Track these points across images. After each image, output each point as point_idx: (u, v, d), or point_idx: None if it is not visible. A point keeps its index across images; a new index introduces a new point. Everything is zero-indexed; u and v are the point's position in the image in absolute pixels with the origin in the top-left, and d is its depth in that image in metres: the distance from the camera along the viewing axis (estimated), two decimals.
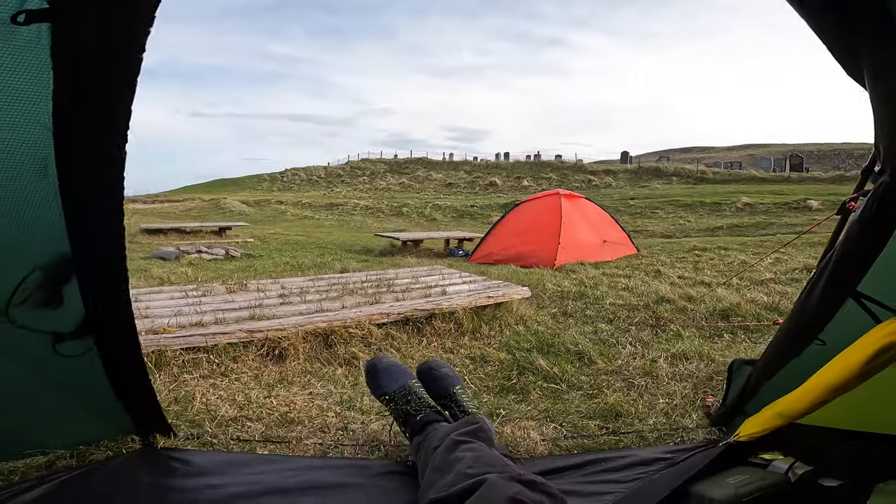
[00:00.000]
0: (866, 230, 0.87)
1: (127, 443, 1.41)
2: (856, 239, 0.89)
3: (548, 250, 5.82)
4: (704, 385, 2.03)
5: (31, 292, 0.89)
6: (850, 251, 0.91)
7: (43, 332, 0.98)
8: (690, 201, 17.26)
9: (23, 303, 0.89)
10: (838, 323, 1.05)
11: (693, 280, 4.59)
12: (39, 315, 0.94)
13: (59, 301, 0.93)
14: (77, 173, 0.80)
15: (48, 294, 0.91)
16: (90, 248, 0.90)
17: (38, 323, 0.96)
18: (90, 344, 1.05)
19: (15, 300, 0.88)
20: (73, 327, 1.01)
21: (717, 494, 1.13)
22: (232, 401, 1.77)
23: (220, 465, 1.31)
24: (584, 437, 1.61)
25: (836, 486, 1.20)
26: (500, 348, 2.54)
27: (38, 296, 0.90)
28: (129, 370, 1.17)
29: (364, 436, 1.57)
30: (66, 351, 1.03)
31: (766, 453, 1.33)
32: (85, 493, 1.21)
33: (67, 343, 1.01)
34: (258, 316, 2.37)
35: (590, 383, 2.08)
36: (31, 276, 0.88)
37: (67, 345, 1.02)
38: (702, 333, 2.79)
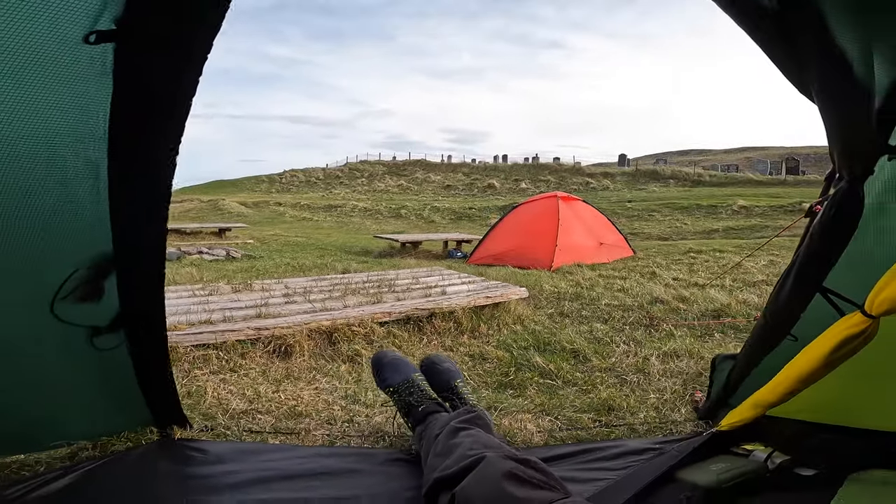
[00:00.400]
0: (827, 232, 0.95)
1: (146, 434, 1.48)
2: (818, 240, 0.98)
3: (545, 252, 5.91)
4: (694, 381, 2.12)
5: (74, 288, 0.97)
6: (814, 251, 0.99)
7: (82, 327, 1.06)
8: (687, 204, 17.40)
9: (66, 297, 0.97)
10: (809, 319, 1.13)
11: (687, 282, 4.68)
12: (80, 310, 1.02)
13: (100, 296, 1.01)
14: (127, 180, 0.88)
15: (90, 289, 0.98)
16: (132, 248, 0.98)
17: (78, 317, 1.04)
18: (122, 338, 1.13)
19: (60, 295, 0.96)
20: (108, 321, 1.09)
21: (700, 479, 1.22)
22: (242, 395, 1.85)
23: (235, 453, 1.39)
24: (578, 429, 1.70)
25: (811, 475, 1.29)
26: (498, 346, 2.62)
27: (80, 291, 0.98)
28: (156, 363, 1.25)
29: (369, 428, 1.66)
30: (101, 344, 1.10)
31: (747, 444, 1.42)
32: (109, 481, 1.28)
33: (103, 337, 1.09)
34: (264, 314, 2.45)
35: (584, 379, 2.16)
36: (77, 273, 0.96)
37: (103, 338, 1.10)
38: (693, 333, 2.88)
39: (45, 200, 0.87)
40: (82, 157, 0.84)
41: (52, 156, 0.82)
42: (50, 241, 0.92)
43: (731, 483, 1.21)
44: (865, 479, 1.23)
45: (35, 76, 0.74)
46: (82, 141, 0.83)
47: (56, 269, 0.96)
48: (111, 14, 0.72)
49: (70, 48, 0.72)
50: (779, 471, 1.31)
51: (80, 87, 0.78)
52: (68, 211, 0.90)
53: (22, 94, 0.75)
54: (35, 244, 0.91)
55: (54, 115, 0.78)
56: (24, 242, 0.90)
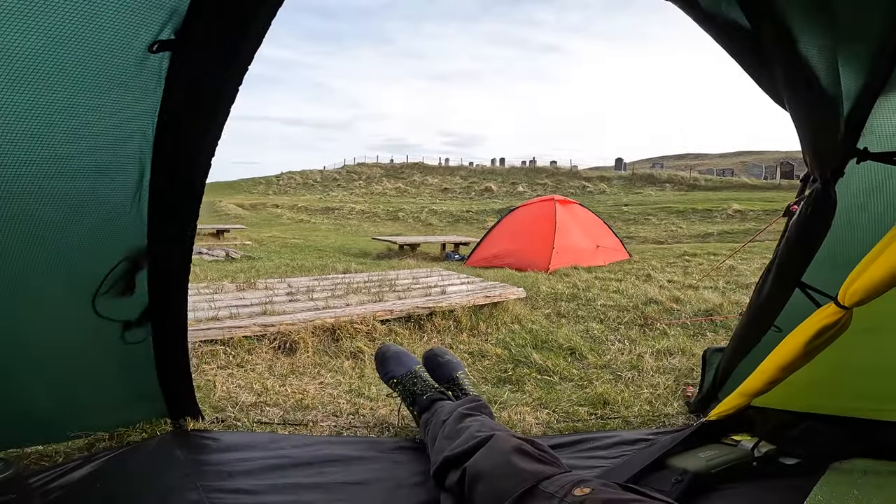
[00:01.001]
0: (803, 230, 1.03)
1: (160, 425, 1.54)
2: (795, 238, 1.05)
3: (542, 254, 5.99)
4: (686, 377, 2.19)
5: (114, 283, 1.03)
6: (792, 248, 1.07)
7: (116, 321, 1.13)
8: (683, 208, 17.55)
9: (106, 293, 1.04)
10: (791, 312, 1.21)
11: (681, 284, 4.77)
12: (115, 304, 1.09)
13: (133, 291, 1.08)
14: (170, 177, 0.96)
15: (126, 284, 1.05)
16: (167, 243, 1.04)
17: (113, 312, 1.10)
18: (148, 331, 1.20)
19: (101, 290, 1.03)
20: (138, 315, 1.15)
21: (690, 465, 1.29)
22: (250, 388, 1.91)
23: (248, 442, 1.45)
24: (574, 421, 1.77)
25: (793, 463, 1.37)
26: (496, 344, 2.69)
27: (119, 287, 1.04)
28: (177, 356, 1.31)
29: (374, 419, 1.72)
30: (131, 338, 1.17)
31: (735, 435, 1.50)
32: (127, 470, 1.32)
33: (133, 331, 1.16)
34: (269, 311, 2.51)
35: (580, 376, 2.24)
36: (118, 267, 1.03)
37: (133, 332, 1.16)
38: (686, 332, 2.96)
39: (95, 195, 0.94)
40: (132, 155, 0.92)
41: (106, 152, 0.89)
42: (96, 237, 0.99)
43: (719, 469, 1.28)
44: (847, 468, 1.31)
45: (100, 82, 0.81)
46: (134, 140, 0.90)
47: (97, 264, 1.03)
48: (173, 25, 0.79)
49: (135, 56, 0.80)
50: (764, 459, 1.38)
51: (138, 92, 0.85)
52: (114, 206, 0.97)
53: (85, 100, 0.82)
54: (80, 240, 0.98)
55: (113, 118, 0.86)
56: (69, 238, 0.97)
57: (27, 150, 0.84)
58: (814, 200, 0.97)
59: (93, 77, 0.79)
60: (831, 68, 0.74)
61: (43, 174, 0.88)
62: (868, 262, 0.89)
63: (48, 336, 1.13)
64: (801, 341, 1.03)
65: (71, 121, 0.83)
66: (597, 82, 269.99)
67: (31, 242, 0.94)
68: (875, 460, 1.31)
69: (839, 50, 0.72)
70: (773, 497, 1.22)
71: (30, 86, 0.77)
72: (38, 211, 0.90)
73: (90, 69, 0.78)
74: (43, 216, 0.92)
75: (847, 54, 0.74)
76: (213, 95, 0.89)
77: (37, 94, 0.79)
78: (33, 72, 0.76)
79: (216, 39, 0.83)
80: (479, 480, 1.01)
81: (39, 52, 0.74)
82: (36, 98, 0.79)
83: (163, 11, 0.78)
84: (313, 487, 1.20)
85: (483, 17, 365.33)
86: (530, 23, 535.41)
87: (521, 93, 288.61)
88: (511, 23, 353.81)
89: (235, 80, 0.88)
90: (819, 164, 0.92)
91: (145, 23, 0.78)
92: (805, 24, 0.69)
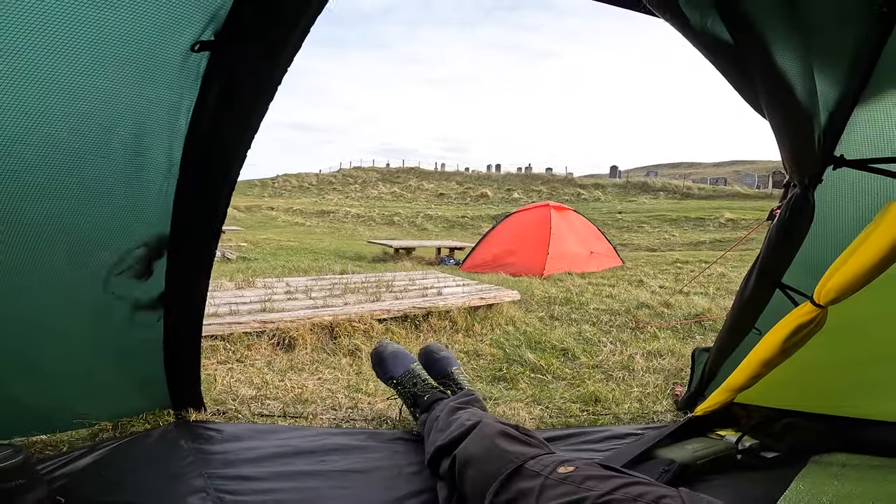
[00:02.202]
0: (783, 233, 1.09)
1: (162, 416, 1.58)
2: (775, 240, 1.12)
3: (537, 260, 6.05)
4: (675, 377, 2.26)
5: (132, 264, 1.08)
6: (773, 251, 1.13)
7: (128, 300, 1.16)
8: (676, 216, 17.72)
9: (122, 273, 1.08)
10: (771, 314, 1.27)
11: (672, 289, 4.85)
12: (131, 285, 1.13)
13: (150, 275, 1.12)
14: (197, 173, 1.01)
15: (144, 267, 1.09)
16: (187, 232, 1.09)
17: (127, 291, 1.14)
18: (160, 316, 1.24)
19: (116, 270, 1.07)
20: (151, 300, 1.19)
21: (677, 456, 1.34)
22: (250, 383, 1.95)
23: (250, 433, 1.49)
24: (567, 417, 1.82)
25: (773, 457, 1.43)
26: (491, 344, 2.74)
27: (137, 268, 1.08)
28: (188, 343, 1.35)
29: (372, 413, 1.77)
30: (140, 320, 1.21)
31: (721, 430, 1.56)
32: (131, 459, 1.35)
33: (143, 312, 1.20)
34: (268, 309, 2.55)
35: (573, 374, 2.29)
36: (138, 251, 1.07)
37: (143, 314, 1.20)
38: (676, 335, 3.03)
39: (124, 180, 0.99)
40: (163, 146, 0.98)
41: (139, 141, 0.95)
42: (119, 221, 1.03)
43: (704, 460, 1.34)
44: (826, 461, 1.37)
45: (142, 76, 0.87)
46: (166, 132, 0.96)
47: (116, 248, 1.07)
48: (214, 27, 0.85)
49: (178, 54, 0.85)
50: (748, 452, 1.44)
51: (176, 88, 0.90)
52: (140, 193, 1.02)
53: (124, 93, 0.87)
54: (104, 223, 1.03)
55: (150, 110, 0.91)
56: (92, 222, 1.01)
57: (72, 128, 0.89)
58: (792, 205, 1.03)
59: (136, 70, 0.85)
60: (807, 79, 0.80)
61: (78, 155, 0.93)
62: (841, 261, 0.96)
63: (56, 322, 1.16)
64: (779, 338, 1.09)
65: (110, 108, 0.88)
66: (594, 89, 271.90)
67: (53, 226, 0.99)
68: (854, 455, 1.37)
69: (815, 61, 0.79)
70: (755, 487, 1.28)
71: (80, 70, 0.82)
72: (65, 192, 0.95)
73: (135, 63, 0.84)
74: (69, 197, 0.96)
75: (823, 65, 0.80)
76: (249, 97, 0.95)
77: (87, 77, 0.84)
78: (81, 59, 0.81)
79: (253, 43, 0.88)
80: (468, 465, 1.06)
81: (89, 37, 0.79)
82: (85, 81, 0.84)
83: (206, 13, 0.83)
84: (315, 475, 1.24)
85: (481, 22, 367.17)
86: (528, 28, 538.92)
87: (518, 99, 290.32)
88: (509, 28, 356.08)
89: (272, 82, 0.94)
90: (798, 170, 0.98)
91: (189, 23, 0.83)
92: (781, 37, 0.75)
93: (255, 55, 0.90)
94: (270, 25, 0.86)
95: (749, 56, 0.76)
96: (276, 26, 0.87)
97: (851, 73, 0.87)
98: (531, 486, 0.92)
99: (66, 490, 1.15)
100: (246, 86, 0.93)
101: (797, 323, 1.05)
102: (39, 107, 0.83)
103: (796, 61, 0.77)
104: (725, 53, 0.78)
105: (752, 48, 0.74)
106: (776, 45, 0.74)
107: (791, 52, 0.76)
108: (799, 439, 1.41)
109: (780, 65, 0.76)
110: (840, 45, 0.83)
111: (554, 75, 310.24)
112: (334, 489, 1.19)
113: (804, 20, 0.76)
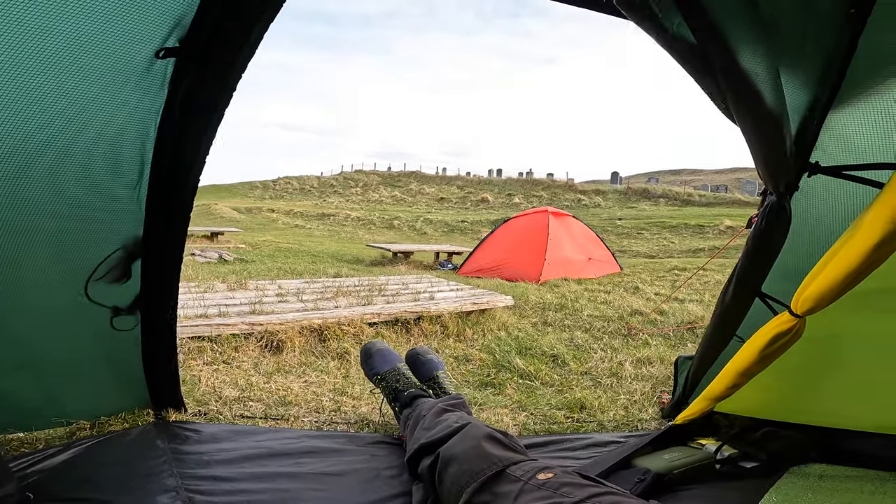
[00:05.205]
0: (759, 242, 1.09)
1: (142, 416, 1.57)
2: (752, 250, 1.11)
3: (534, 265, 6.05)
4: (663, 384, 2.25)
5: (110, 268, 1.08)
6: (750, 260, 1.13)
7: (106, 307, 1.17)
8: (675, 223, 17.71)
9: (101, 279, 1.08)
10: (753, 322, 1.26)
11: (668, 296, 4.84)
12: (108, 290, 1.14)
13: (129, 278, 1.13)
14: (168, 173, 1.02)
15: (123, 271, 1.10)
16: (162, 232, 1.10)
17: (105, 298, 1.15)
18: (138, 319, 1.24)
19: (95, 276, 1.07)
20: (128, 303, 1.19)
21: (653, 465, 1.33)
22: (234, 384, 1.94)
23: (228, 434, 1.48)
24: (551, 423, 1.81)
25: (753, 466, 1.42)
26: (482, 350, 2.73)
27: (115, 272, 1.09)
28: (164, 345, 1.35)
29: (355, 416, 1.76)
30: (119, 325, 1.21)
31: (702, 439, 1.55)
32: (105, 457, 1.35)
33: (122, 317, 1.20)
34: (258, 311, 2.55)
35: (561, 381, 2.28)
36: (115, 254, 1.08)
37: (122, 319, 1.20)
38: (667, 342, 3.02)
39: (102, 187, 1.00)
40: (135, 149, 1.00)
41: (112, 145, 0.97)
42: (96, 224, 1.05)
43: (680, 469, 1.33)
44: (804, 473, 1.36)
45: (112, 85, 0.88)
46: (137, 136, 0.98)
47: (95, 251, 1.08)
48: (178, 34, 0.86)
49: (144, 60, 0.87)
50: (727, 462, 1.43)
51: (144, 93, 0.92)
52: (115, 196, 1.03)
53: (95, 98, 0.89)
54: (80, 226, 1.04)
55: (120, 114, 0.93)
56: (69, 224, 1.02)
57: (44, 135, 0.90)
58: (768, 213, 1.03)
59: (105, 75, 0.87)
60: (775, 81, 0.80)
61: (54, 159, 0.94)
62: (817, 271, 0.95)
63: (35, 322, 1.17)
64: (756, 348, 1.08)
65: (83, 112, 0.90)
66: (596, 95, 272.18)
67: (30, 227, 1.00)
68: (832, 465, 1.36)
69: (783, 64, 0.78)
70: (731, 497, 1.27)
71: (51, 75, 0.83)
72: (43, 195, 0.96)
73: (103, 68, 0.85)
74: (46, 199, 0.97)
75: (793, 68, 0.80)
76: (209, 100, 0.96)
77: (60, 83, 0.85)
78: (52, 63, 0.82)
79: (216, 49, 0.89)
80: (450, 463, 1.07)
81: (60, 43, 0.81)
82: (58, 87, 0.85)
83: (169, 21, 0.85)
84: (289, 476, 1.24)
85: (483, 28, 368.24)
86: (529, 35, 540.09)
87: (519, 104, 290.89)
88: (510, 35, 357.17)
89: (230, 86, 0.96)
90: (772, 178, 0.98)
91: (153, 30, 0.85)
92: (744, 36, 0.75)
93: (217, 61, 0.91)
94: (231, 31, 0.88)
95: (712, 56, 0.75)
96: (235, 32, 0.88)
97: (823, 76, 0.87)
98: (510, 489, 0.95)
99: (36, 486, 1.15)
100: (208, 91, 0.95)
101: (775, 332, 1.05)
102: (12, 114, 0.84)
103: (762, 63, 0.76)
104: (695, 58, 0.78)
105: (714, 48, 0.74)
106: (739, 44, 0.74)
107: (756, 52, 0.76)
108: (778, 449, 1.40)
109: (745, 66, 0.76)
110: (810, 46, 0.82)
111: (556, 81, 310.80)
112: (308, 491, 1.19)
113: (769, 19, 0.76)
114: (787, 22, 0.79)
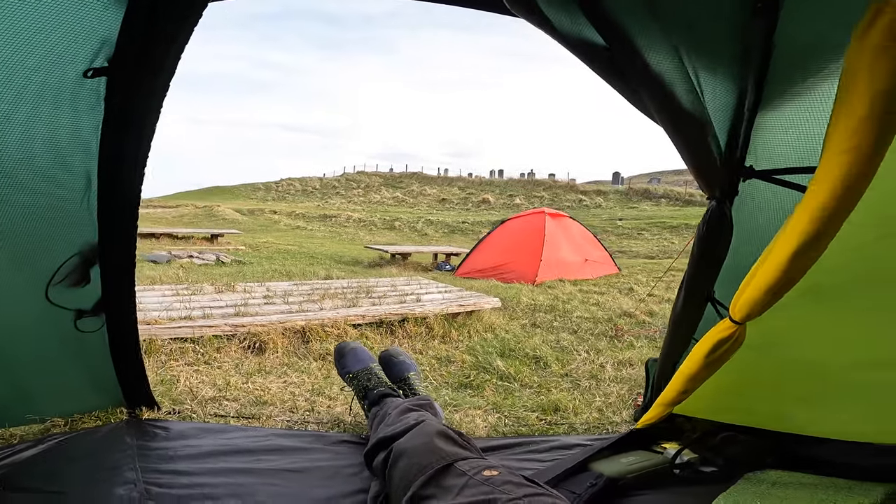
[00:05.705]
0: (703, 247, 1.10)
1: (115, 414, 1.60)
2: (696, 256, 1.12)
3: (530, 267, 6.06)
4: (640, 387, 2.25)
5: (67, 273, 1.12)
6: (695, 265, 1.14)
7: (69, 310, 1.21)
8: (676, 223, 17.65)
9: (60, 283, 1.12)
10: (710, 326, 1.27)
11: (661, 298, 4.84)
12: (69, 294, 1.18)
13: (87, 282, 1.17)
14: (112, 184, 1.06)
15: (80, 275, 1.14)
16: (112, 239, 1.14)
17: (67, 301, 1.19)
18: (103, 321, 1.28)
19: (54, 280, 1.12)
20: (92, 305, 1.23)
21: (608, 469, 1.34)
22: (213, 384, 1.97)
23: (197, 431, 1.51)
24: (522, 425, 1.83)
25: (710, 471, 1.43)
26: (465, 351, 2.75)
27: (73, 277, 1.13)
28: (128, 345, 1.38)
29: (328, 416, 1.78)
30: (84, 327, 1.25)
31: (666, 443, 1.56)
32: (77, 451, 1.38)
33: (86, 319, 1.24)
34: (242, 313, 2.58)
35: (540, 383, 2.30)
36: (71, 260, 1.12)
37: (86, 321, 1.24)
38: (652, 343, 3.03)
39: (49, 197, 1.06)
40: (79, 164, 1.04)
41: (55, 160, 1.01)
42: (51, 233, 1.09)
43: (635, 474, 1.34)
44: (759, 479, 1.35)
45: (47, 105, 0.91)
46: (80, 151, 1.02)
47: (53, 258, 1.13)
48: (105, 54, 0.90)
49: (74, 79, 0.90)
50: (685, 467, 1.43)
51: (80, 110, 0.97)
52: (65, 208, 1.07)
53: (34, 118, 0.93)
54: (37, 236, 1.08)
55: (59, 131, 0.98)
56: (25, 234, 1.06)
57: None
58: (709, 219, 1.04)
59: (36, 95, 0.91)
60: (687, 81, 0.80)
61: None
62: (750, 277, 0.96)
63: (3, 322, 1.20)
64: (701, 354, 1.09)
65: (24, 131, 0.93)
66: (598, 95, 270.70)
67: None
68: (787, 472, 1.37)
69: (700, 66, 0.79)
70: (685, 502, 1.28)
71: None
72: None
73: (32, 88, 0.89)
74: None
75: (709, 68, 0.80)
76: (144, 112, 1.00)
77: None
78: None
79: (145, 62, 0.93)
80: (401, 458, 1.09)
81: None
82: None
83: (94, 41, 0.89)
84: (249, 472, 1.26)
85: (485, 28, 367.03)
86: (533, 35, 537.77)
87: (522, 105, 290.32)
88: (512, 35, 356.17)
89: (160, 96, 0.99)
90: (706, 183, 0.99)
91: (78, 51, 0.89)
92: (649, 35, 0.75)
93: (147, 73, 0.95)
94: (154, 49, 0.92)
95: (621, 58, 0.76)
96: (163, 43, 0.91)
97: (742, 76, 0.87)
98: (455, 483, 0.97)
99: (5, 479, 1.19)
100: (139, 105, 0.99)
101: (717, 339, 1.06)
102: None
103: (669, 61, 0.77)
104: (602, 60, 0.79)
105: (621, 49, 0.75)
106: (644, 43, 0.75)
107: (661, 51, 0.76)
108: (735, 454, 1.41)
109: (654, 66, 0.76)
110: (723, 45, 0.83)
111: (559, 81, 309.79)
112: (265, 486, 1.21)
113: (672, 16, 0.76)
114: (695, 19, 0.80)
